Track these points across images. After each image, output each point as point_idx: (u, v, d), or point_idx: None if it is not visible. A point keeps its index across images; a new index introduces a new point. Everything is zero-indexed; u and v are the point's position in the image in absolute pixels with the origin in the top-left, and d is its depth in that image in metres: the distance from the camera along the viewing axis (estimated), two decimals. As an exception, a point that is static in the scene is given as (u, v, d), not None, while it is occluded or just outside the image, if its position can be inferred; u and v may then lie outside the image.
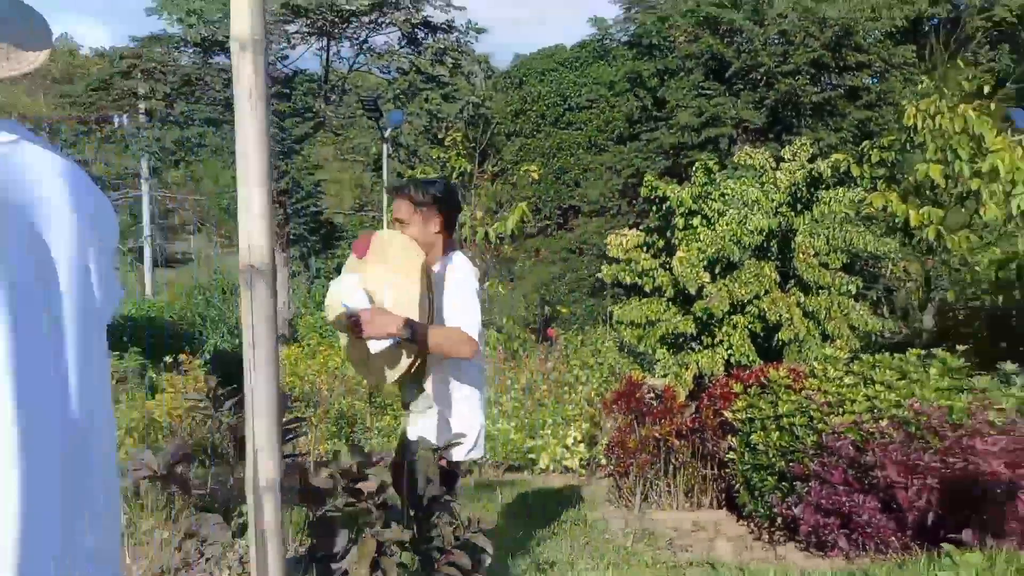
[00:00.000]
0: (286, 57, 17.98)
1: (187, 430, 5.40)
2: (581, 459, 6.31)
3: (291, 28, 17.91)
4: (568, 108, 24.26)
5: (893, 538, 3.85)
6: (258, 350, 1.38)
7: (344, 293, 2.38)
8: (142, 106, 19.37)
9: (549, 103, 24.46)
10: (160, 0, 16.58)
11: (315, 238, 16.47)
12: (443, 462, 2.47)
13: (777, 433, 4.62)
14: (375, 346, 2.33)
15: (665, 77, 21.79)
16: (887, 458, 3.85)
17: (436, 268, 2.61)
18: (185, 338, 12.34)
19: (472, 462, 2.60)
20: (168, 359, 7.45)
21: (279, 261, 15.81)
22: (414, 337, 2.34)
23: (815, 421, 4.53)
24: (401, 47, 17.81)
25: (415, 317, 2.37)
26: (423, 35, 17.75)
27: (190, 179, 29.91)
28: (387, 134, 12.32)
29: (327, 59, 17.75)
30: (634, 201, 19.47)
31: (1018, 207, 8.64)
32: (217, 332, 12.89)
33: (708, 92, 19.11)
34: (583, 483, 6.04)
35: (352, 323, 2.38)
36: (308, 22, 16.80)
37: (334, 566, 2.12)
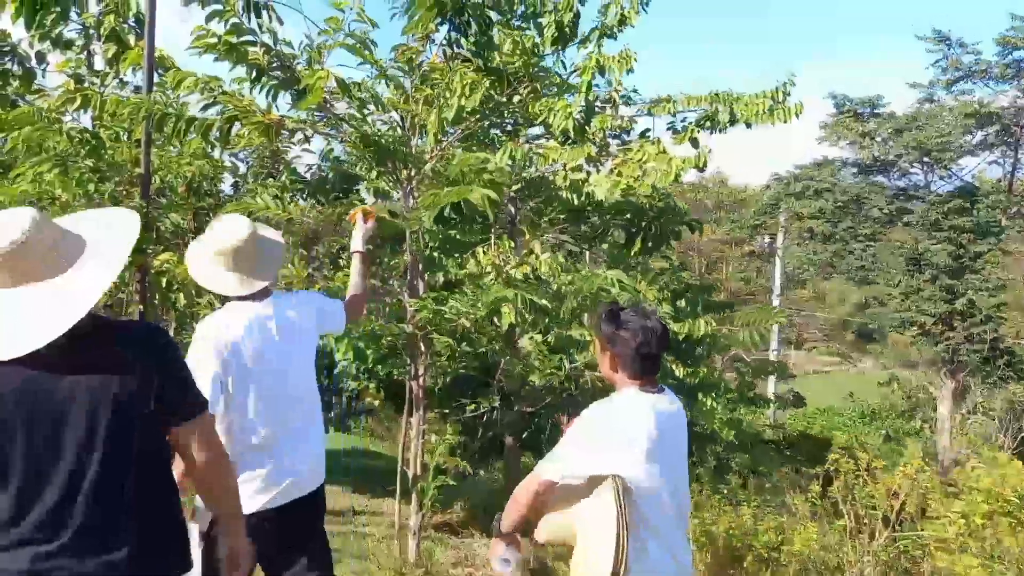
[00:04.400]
0: (960, 168, 16.60)
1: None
2: None
3: (968, 137, 16.49)
4: None
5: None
6: None
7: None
8: (795, 225, 20.29)
9: None
10: (828, 128, 17.24)
11: (987, 368, 14.27)
12: None
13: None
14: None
15: None
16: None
17: None
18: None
19: None
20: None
21: (946, 389, 14.17)
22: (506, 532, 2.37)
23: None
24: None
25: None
26: None
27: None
28: None
29: (1012, 167, 15.72)
30: None
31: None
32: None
33: None
34: None
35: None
36: (996, 130, 15.19)
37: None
